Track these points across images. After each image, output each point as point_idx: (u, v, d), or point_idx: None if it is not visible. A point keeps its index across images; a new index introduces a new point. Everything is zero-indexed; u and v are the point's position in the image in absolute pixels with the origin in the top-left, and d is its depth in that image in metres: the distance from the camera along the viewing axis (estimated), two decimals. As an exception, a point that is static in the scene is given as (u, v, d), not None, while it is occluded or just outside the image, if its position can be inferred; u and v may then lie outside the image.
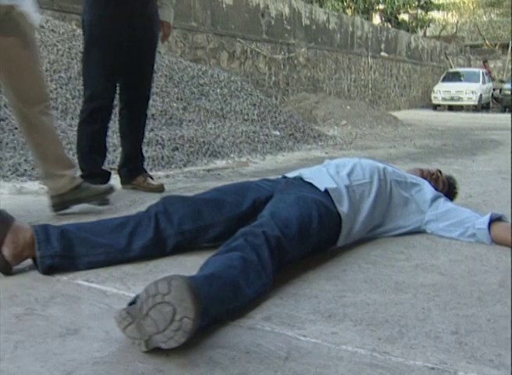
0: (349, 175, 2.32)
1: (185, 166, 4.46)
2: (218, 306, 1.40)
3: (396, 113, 12.86)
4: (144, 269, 1.93)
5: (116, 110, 3.51)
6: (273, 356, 1.30)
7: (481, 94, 19.76)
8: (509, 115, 12.29)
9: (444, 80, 20.48)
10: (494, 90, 21.60)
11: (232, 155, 5.11)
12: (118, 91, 3.22)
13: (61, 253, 1.86)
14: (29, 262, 1.90)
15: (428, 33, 27.87)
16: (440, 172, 2.81)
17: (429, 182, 2.63)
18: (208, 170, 4.33)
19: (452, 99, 19.56)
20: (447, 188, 2.77)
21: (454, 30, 30.90)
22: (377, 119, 10.09)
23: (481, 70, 21.19)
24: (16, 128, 4.48)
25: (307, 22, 14.36)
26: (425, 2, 23.73)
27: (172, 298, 1.18)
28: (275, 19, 13.04)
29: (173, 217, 2.03)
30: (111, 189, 2.88)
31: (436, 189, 2.61)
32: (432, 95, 19.98)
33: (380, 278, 1.88)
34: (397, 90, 19.73)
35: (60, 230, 1.91)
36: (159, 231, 2.01)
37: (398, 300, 1.68)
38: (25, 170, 3.87)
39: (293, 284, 1.79)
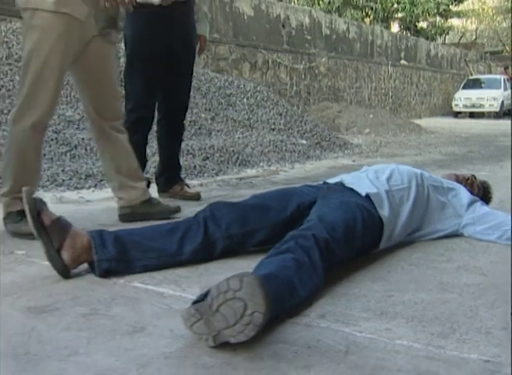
0: (388, 180, 2.39)
1: (217, 174, 4.55)
2: (278, 304, 1.47)
3: (417, 121, 12.88)
4: (196, 272, 2.01)
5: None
6: (333, 350, 1.37)
7: (502, 101, 19.66)
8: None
9: (465, 87, 20.41)
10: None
11: (261, 164, 5.19)
12: (157, 102, 3.32)
13: (117, 257, 1.95)
14: (84, 266, 1.99)
15: (447, 41, 27.82)
16: (475, 177, 2.86)
17: (465, 187, 2.69)
18: (240, 179, 4.42)
19: (473, 106, 19.49)
20: (482, 193, 2.81)
21: (474, 36, 30.81)
22: (400, 127, 10.12)
23: (502, 77, 21.09)
24: (52, 139, 4.62)
25: (327, 31, 14.45)
26: (444, 10, 23.68)
27: (244, 294, 1.25)
28: (296, 30, 13.16)
29: (221, 222, 2.11)
30: (179, 209, 2.93)
31: (472, 193, 2.66)
32: (453, 103, 19.91)
33: (424, 279, 1.94)
34: (418, 98, 19.71)
35: (114, 236, 2.00)
36: (208, 236, 2.09)
37: (445, 299, 1.74)
38: (63, 180, 3.99)
39: (342, 285, 1.86)
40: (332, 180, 2.45)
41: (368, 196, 2.23)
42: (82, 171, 4.14)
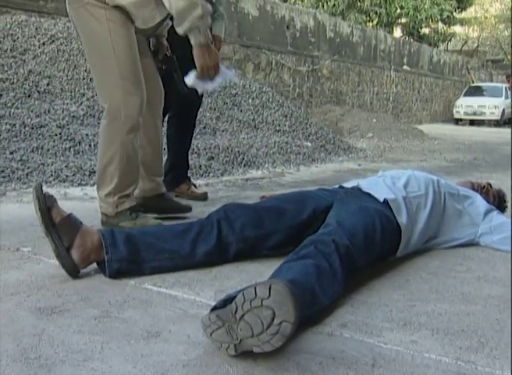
0: (405, 187, 2.33)
1: (222, 175, 4.48)
2: (301, 312, 1.41)
3: (418, 127, 12.83)
4: (209, 276, 1.95)
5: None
6: (360, 363, 1.31)
7: (504, 109, 19.64)
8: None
9: (466, 94, 20.37)
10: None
11: (266, 165, 5.13)
12: (169, 100, 3.24)
13: (128, 257, 1.89)
14: (93, 266, 1.93)
15: (449, 48, 27.80)
16: (490, 185, 2.80)
17: (480, 194, 2.63)
18: (246, 180, 4.36)
19: (474, 114, 19.45)
20: (498, 201, 2.76)
21: (476, 44, 30.82)
22: (403, 132, 10.07)
23: (504, 85, 21.08)
24: (56, 134, 4.55)
25: (332, 34, 14.40)
26: (447, 16, 23.63)
27: (272, 302, 1.19)
28: (300, 32, 13.11)
29: (235, 224, 2.05)
30: (190, 208, 2.92)
31: (488, 202, 2.61)
32: (454, 110, 19.86)
33: (445, 289, 1.88)
34: (419, 104, 19.67)
35: (126, 235, 1.94)
36: (222, 238, 2.03)
37: (469, 310, 1.68)
38: (66, 176, 3.92)
39: (361, 293, 1.80)
40: (348, 185, 2.39)
41: (385, 202, 2.17)
42: (86, 167, 4.07)
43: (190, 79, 2.40)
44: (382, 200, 2.17)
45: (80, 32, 2.47)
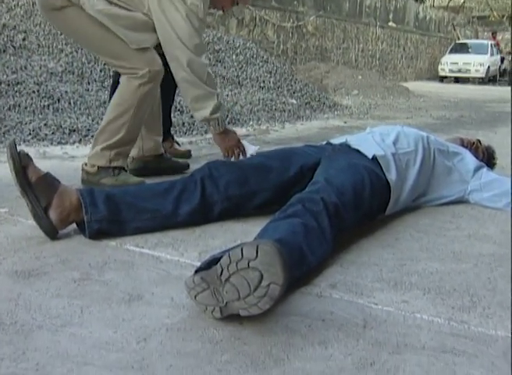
0: (394, 143, 2.26)
1: (206, 132, 4.38)
2: (290, 273, 1.36)
3: (404, 84, 12.71)
4: (193, 235, 1.89)
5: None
6: (350, 324, 1.27)
7: (488, 67, 19.52)
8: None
9: (451, 51, 20.18)
10: (502, 62, 21.35)
11: (251, 123, 5.03)
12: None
13: (108, 217, 1.82)
14: (73, 226, 1.85)
15: (435, 4, 27.42)
16: (480, 141, 2.75)
17: (470, 151, 2.58)
18: (231, 138, 4.26)
19: (459, 71, 19.31)
20: (487, 158, 2.71)
21: (462, 0, 30.42)
22: (388, 89, 9.96)
23: (489, 42, 20.90)
24: (33, 91, 4.40)
25: (317, -11, 14.09)
26: (434, -29, 23.28)
27: (260, 263, 1.13)
28: (285, -14, 12.79)
29: (219, 182, 1.98)
30: (188, 166, 2.89)
31: (477, 158, 2.56)
32: (440, 67, 19.70)
33: (436, 247, 1.84)
34: (404, 61, 19.47)
35: (106, 194, 1.86)
36: (206, 196, 1.96)
37: (460, 269, 1.64)
38: (45, 135, 3.81)
39: (350, 252, 1.75)
40: (336, 141, 2.32)
41: (374, 158, 2.10)
42: (66, 125, 3.95)
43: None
44: (370, 156, 2.10)
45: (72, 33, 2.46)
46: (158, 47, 2.42)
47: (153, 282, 1.48)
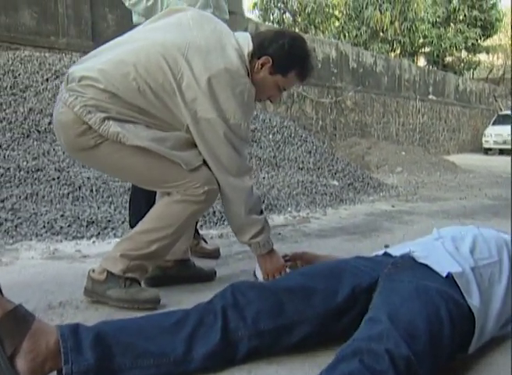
0: (472, 252, 1.76)
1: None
2: None
3: (447, 158, 12.20)
4: (210, 389, 1.40)
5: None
6: None
7: (534, 138, 18.90)
8: None
9: (495, 123, 19.69)
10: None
11: (289, 209, 4.57)
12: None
13: (96, 367, 1.35)
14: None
15: (475, 76, 27.24)
16: None
17: None
18: (267, 228, 3.81)
19: (504, 143, 18.72)
20: None
21: (501, 72, 30.19)
22: (434, 165, 9.46)
23: (533, 112, 20.37)
24: (53, 179, 4.07)
25: (354, 65, 13.98)
26: (472, 44, 23.16)
27: None
28: (322, 62, 12.70)
29: (246, 313, 1.51)
30: (214, 275, 2.53)
31: None
32: (484, 139, 19.20)
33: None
34: (446, 133, 19.04)
35: (95, 333, 1.40)
36: (228, 333, 1.49)
37: None
38: (61, 228, 3.44)
39: None
40: (396, 251, 1.82)
41: (448, 277, 1.60)
42: (84, 217, 3.58)
43: (258, 275, 2.29)
44: (445, 275, 1.60)
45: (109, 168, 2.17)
46: None
47: None
